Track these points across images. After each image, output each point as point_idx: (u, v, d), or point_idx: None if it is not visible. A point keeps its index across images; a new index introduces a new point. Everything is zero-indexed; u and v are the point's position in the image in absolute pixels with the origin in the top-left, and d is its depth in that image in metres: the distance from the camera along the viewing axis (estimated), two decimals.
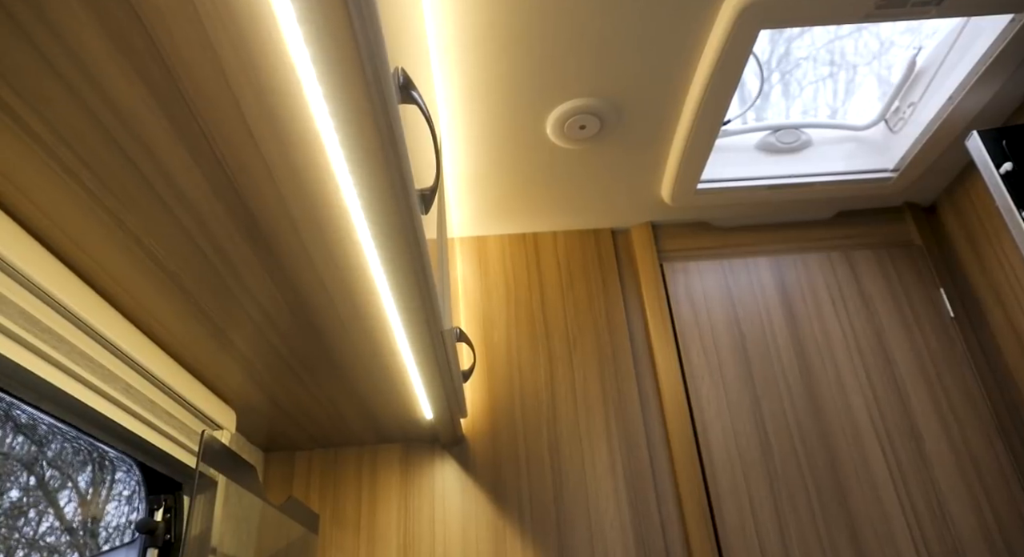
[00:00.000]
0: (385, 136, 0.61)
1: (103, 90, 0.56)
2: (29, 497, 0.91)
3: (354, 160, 0.64)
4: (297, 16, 0.49)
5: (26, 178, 0.64)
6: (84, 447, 1.02)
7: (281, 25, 0.51)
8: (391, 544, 1.49)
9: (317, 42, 0.51)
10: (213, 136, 0.62)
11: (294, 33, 0.51)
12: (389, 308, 0.95)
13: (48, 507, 0.94)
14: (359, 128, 0.59)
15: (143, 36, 0.51)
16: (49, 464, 0.94)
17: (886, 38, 1.72)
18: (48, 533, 0.94)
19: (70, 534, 1.00)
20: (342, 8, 0.48)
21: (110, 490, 1.11)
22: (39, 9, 0.48)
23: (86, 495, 1.02)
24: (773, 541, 1.49)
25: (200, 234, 0.76)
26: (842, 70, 1.79)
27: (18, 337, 0.68)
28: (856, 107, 1.82)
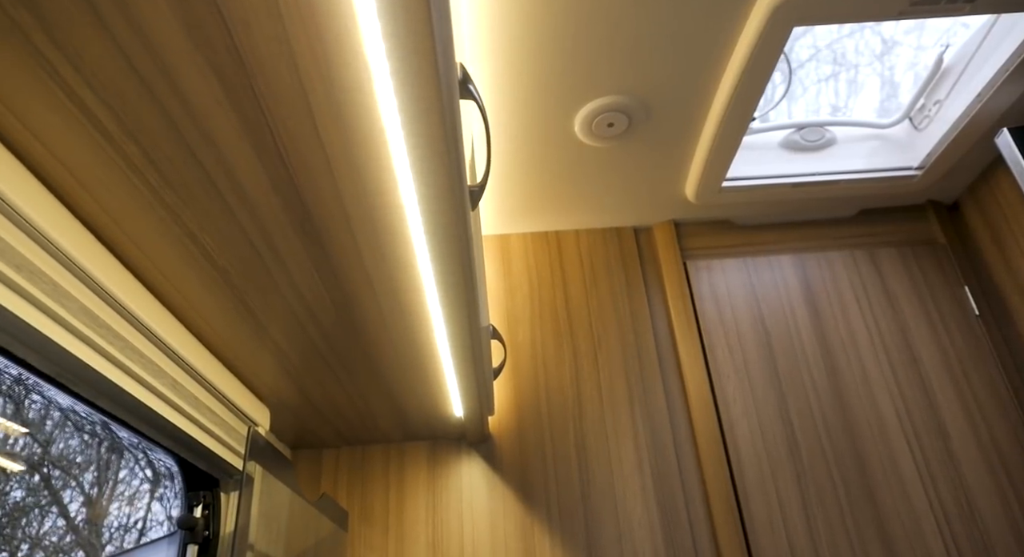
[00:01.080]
0: (449, 132, 0.62)
1: (177, 86, 0.56)
2: (35, 497, 0.90)
3: (418, 155, 0.64)
4: (378, 10, 0.49)
5: (92, 175, 0.65)
6: (93, 444, 1.02)
7: (359, 19, 0.51)
8: (420, 541, 1.50)
9: (395, 36, 0.51)
10: (279, 131, 0.62)
11: (372, 27, 0.51)
12: (432, 304, 0.96)
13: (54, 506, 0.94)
14: (427, 123, 0.60)
15: (222, 31, 0.52)
16: (53, 463, 0.94)
17: (889, 37, 1.72)
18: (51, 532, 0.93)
19: (75, 533, 0.99)
20: (423, 2, 0.48)
21: (113, 489, 1.09)
22: (124, 4, 0.49)
23: (97, 493, 1.02)
24: (802, 538, 1.49)
25: (254, 229, 0.76)
26: (843, 69, 1.79)
27: (80, 333, 0.69)
28: (858, 107, 1.82)
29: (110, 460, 1.02)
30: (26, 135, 0.60)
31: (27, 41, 0.51)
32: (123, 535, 1.05)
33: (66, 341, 0.67)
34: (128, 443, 1.05)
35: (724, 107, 1.43)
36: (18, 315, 0.60)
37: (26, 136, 0.60)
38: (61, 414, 0.91)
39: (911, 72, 1.78)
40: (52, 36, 0.51)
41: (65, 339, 0.67)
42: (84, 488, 0.98)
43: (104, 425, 0.98)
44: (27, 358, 0.66)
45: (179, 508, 1.11)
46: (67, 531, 0.92)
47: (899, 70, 1.77)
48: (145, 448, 1.06)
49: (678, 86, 1.40)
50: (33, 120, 0.58)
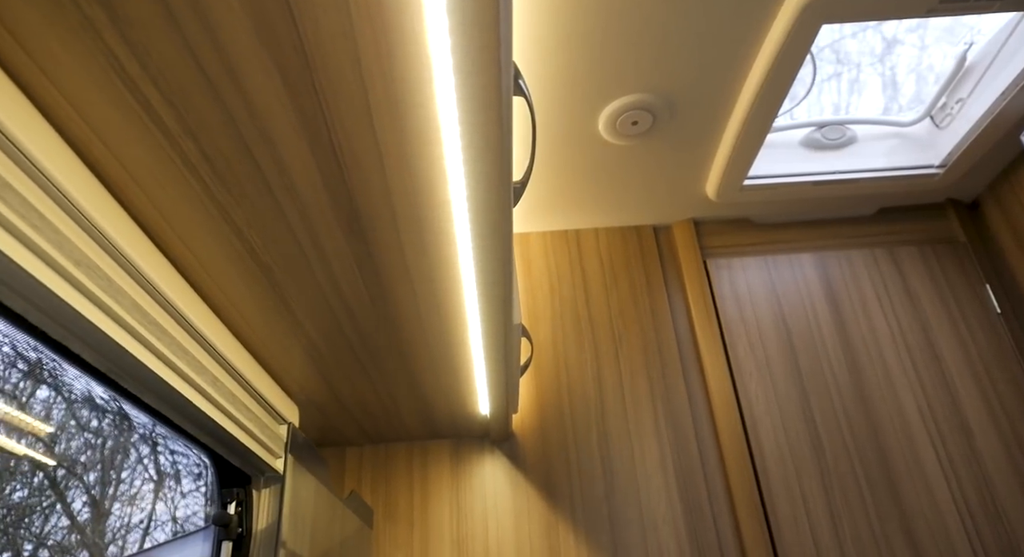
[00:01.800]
0: (504, 128, 0.62)
1: (240, 84, 0.57)
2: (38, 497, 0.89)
3: (472, 151, 0.64)
4: (447, 5, 0.50)
5: (146, 172, 0.65)
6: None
7: (426, 13, 0.51)
8: (445, 539, 1.50)
9: (462, 31, 0.51)
10: (335, 127, 0.63)
11: (439, 21, 0.51)
12: (470, 300, 0.96)
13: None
14: (484, 119, 0.60)
15: (289, 28, 0.52)
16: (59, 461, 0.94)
17: (891, 36, 1.72)
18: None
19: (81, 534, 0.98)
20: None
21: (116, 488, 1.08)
22: (198, 4, 0.49)
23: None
24: (826, 535, 1.49)
25: (301, 226, 0.77)
26: (845, 69, 1.79)
27: (132, 329, 0.69)
28: (859, 106, 1.81)
29: (115, 459, 1.02)
30: (86, 131, 0.60)
31: (98, 38, 0.52)
32: (152, 530, 1.06)
33: (120, 336, 0.68)
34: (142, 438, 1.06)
35: (749, 105, 1.43)
36: (79, 310, 0.61)
37: (86, 132, 0.60)
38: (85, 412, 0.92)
39: (912, 73, 1.79)
40: (124, 34, 0.51)
41: (119, 334, 0.68)
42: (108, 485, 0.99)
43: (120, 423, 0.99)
44: (82, 353, 0.67)
45: (213, 505, 1.11)
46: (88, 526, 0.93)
47: (900, 70, 1.78)
48: (159, 447, 1.06)
49: (704, 84, 1.41)
50: (95, 117, 0.59)
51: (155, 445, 1.07)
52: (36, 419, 0.81)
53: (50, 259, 0.57)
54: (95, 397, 0.91)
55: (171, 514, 1.05)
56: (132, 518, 0.95)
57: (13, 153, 0.52)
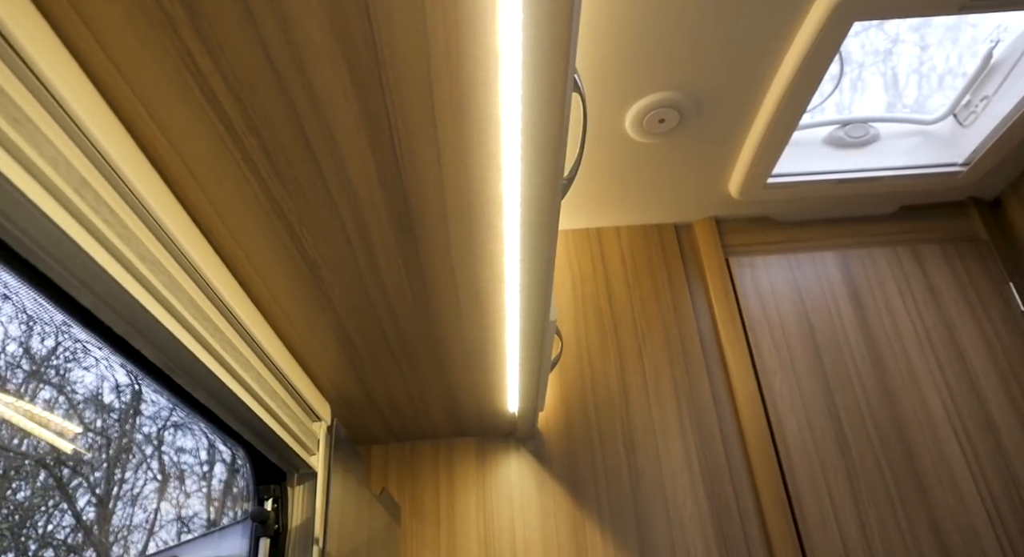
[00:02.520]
0: (564, 124, 0.62)
1: (308, 79, 0.57)
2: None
3: (531, 147, 0.65)
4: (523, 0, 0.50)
5: (205, 167, 0.66)
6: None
7: (499, 7, 0.52)
8: (471, 536, 1.50)
9: (535, 25, 0.52)
10: (396, 124, 0.63)
11: (513, 15, 0.52)
12: (510, 297, 0.96)
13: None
14: (548, 115, 0.60)
15: (364, 23, 0.53)
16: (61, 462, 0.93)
17: (894, 35, 1.72)
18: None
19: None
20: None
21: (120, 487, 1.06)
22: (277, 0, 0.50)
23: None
24: (854, 533, 1.49)
25: (352, 223, 0.77)
26: (848, 67, 1.78)
27: (188, 324, 0.70)
28: (861, 106, 1.81)
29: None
30: (151, 127, 0.60)
31: (175, 35, 0.52)
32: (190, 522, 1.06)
33: (178, 332, 0.68)
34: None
35: (777, 102, 1.43)
36: (144, 305, 0.61)
37: (151, 128, 0.61)
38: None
39: (914, 73, 1.79)
40: (199, 30, 0.52)
41: (177, 329, 0.68)
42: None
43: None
44: (143, 349, 0.67)
45: (251, 501, 1.12)
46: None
47: (902, 70, 1.78)
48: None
49: (732, 81, 1.41)
50: (162, 113, 0.59)
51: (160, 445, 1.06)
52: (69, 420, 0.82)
53: (119, 254, 0.58)
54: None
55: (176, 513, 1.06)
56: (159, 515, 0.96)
57: (90, 151, 0.53)
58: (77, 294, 0.57)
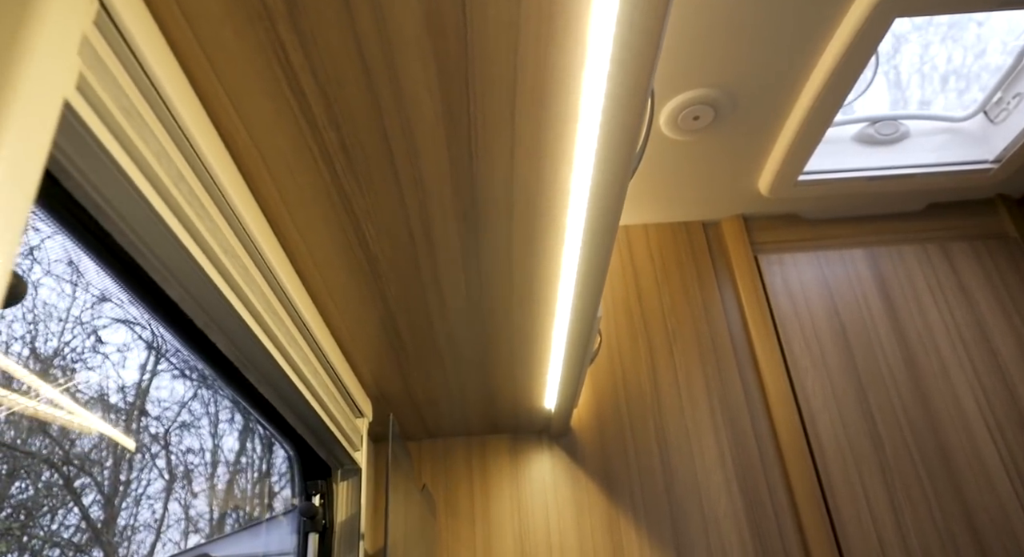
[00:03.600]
0: (643, 118, 0.63)
1: (395, 72, 0.57)
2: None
3: (607, 141, 0.65)
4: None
5: (283, 163, 0.66)
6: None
7: (594, 1, 0.52)
8: (507, 533, 1.51)
9: (630, 20, 0.52)
10: (476, 116, 0.63)
11: (608, 8, 0.52)
12: (563, 292, 0.96)
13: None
14: (628, 109, 0.61)
15: (458, 17, 0.53)
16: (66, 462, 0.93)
17: (900, 34, 1.73)
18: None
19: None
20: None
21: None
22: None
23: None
24: (890, 531, 1.49)
25: (417, 218, 0.77)
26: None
27: (262, 319, 0.70)
28: (864, 105, 1.81)
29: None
30: (235, 121, 0.61)
31: (272, 28, 0.52)
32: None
33: (254, 326, 0.69)
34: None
35: (813, 99, 1.43)
36: (227, 297, 0.62)
37: (235, 122, 0.61)
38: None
39: (917, 74, 1.79)
40: (296, 23, 0.52)
41: (252, 323, 0.69)
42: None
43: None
44: (218, 342, 0.68)
45: (299, 496, 1.12)
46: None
47: (904, 69, 1.78)
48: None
49: (769, 78, 1.41)
50: (247, 107, 0.59)
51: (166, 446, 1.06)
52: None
53: (208, 247, 0.58)
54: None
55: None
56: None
57: (184, 146, 0.53)
58: (166, 286, 0.57)
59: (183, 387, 0.95)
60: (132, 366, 0.85)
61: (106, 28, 0.43)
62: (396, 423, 0.98)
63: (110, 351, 0.80)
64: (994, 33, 1.70)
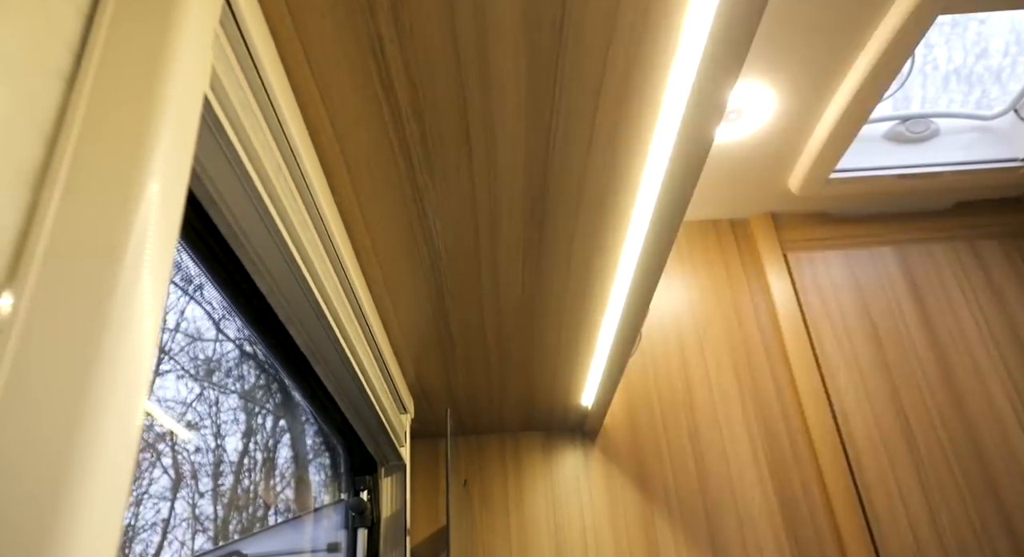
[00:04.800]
0: (724, 110, 0.63)
1: (486, 65, 0.58)
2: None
3: (686, 136, 0.65)
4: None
5: (362, 156, 0.66)
6: None
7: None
8: (541, 528, 1.51)
9: (730, 10, 0.52)
10: (559, 108, 0.63)
11: (706, 2, 0.52)
12: (616, 289, 0.97)
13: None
14: (714, 101, 0.61)
15: (557, 7, 0.53)
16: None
17: None
18: None
19: None
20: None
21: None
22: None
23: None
24: (925, 529, 1.49)
25: (485, 211, 0.77)
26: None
27: (336, 314, 0.70)
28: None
29: None
30: (322, 114, 0.61)
31: (371, 20, 0.53)
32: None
33: (330, 319, 0.69)
34: None
35: (850, 96, 1.43)
36: (314, 291, 0.62)
37: (321, 116, 0.61)
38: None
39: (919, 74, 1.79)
40: (397, 16, 0.52)
41: (330, 318, 0.69)
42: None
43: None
44: (297, 336, 0.68)
45: (347, 492, 1.12)
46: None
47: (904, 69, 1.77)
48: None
49: (805, 76, 1.41)
50: (336, 99, 0.60)
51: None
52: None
53: (298, 240, 0.58)
54: None
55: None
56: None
57: (280, 139, 0.54)
58: (258, 279, 0.58)
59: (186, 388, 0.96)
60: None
61: (229, 24, 0.43)
62: (452, 419, 0.98)
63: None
64: (995, 32, 1.70)
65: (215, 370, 0.75)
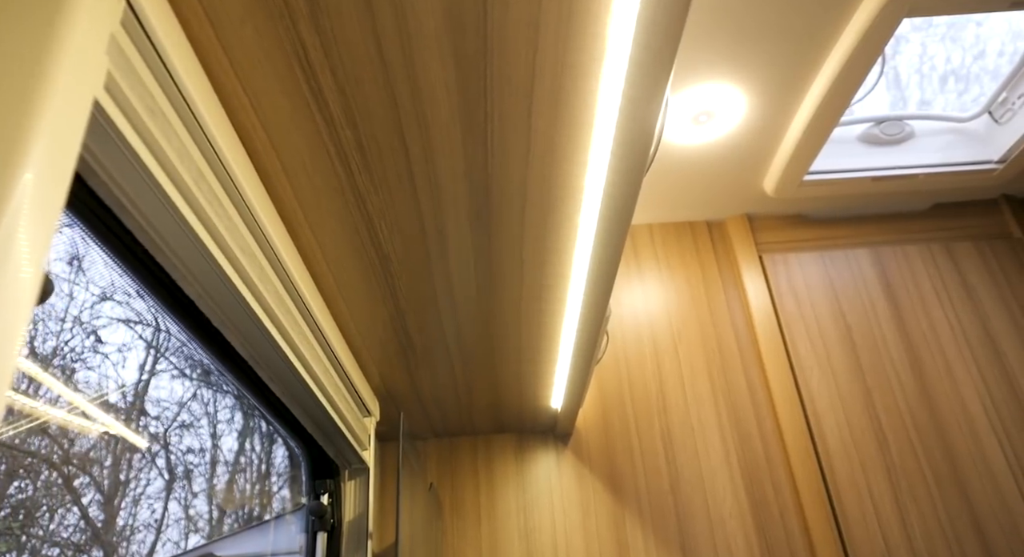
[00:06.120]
0: (658, 116, 0.63)
1: (413, 71, 0.57)
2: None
3: (623, 141, 0.65)
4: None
5: (299, 162, 0.66)
6: None
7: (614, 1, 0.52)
8: (512, 532, 1.51)
9: (651, 21, 0.52)
10: (492, 115, 0.63)
11: (628, 9, 0.52)
12: (572, 292, 0.97)
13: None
14: (646, 109, 0.61)
15: (479, 13, 0.53)
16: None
17: (900, 34, 1.73)
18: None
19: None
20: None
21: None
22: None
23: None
24: (895, 532, 1.49)
25: (431, 216, 0.77)
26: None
27: (276, 319, 0.70)
28: (866, 106, 1.81)
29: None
30: (253, 120, 0.61)
31: (292, 27, 0.52)
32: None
33: (268, 324, 0.69)
34: None
35: (819, 99, 1.43)
36: (245, 298, 0.62)
37: (253, 121, 0.61)
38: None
39: (917, 74, 1.80)
40: (317, 22, 0.52)
41: (267, 322, 0.69)
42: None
43: None
44: (233, 340, 0.68)
45: (307, 495, 1.12)
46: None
47: (904, 68, 1.78)
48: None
49: (775, 78, 1.41)
50: (266, 106, 0.59)
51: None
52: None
53: (226, 246, 0.58)
54: None
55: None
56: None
57: (204, 145, 0.53)
58: (184, 284, 0.57)
59: (182, 387, 0.95)
60: (132, 366, 0.85)
61: (132, 28, 0.43)
62: (406, 421, 0.98)
63: (110, 351, 0.80)
64: (993, 33, 1.71)
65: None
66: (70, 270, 0.70)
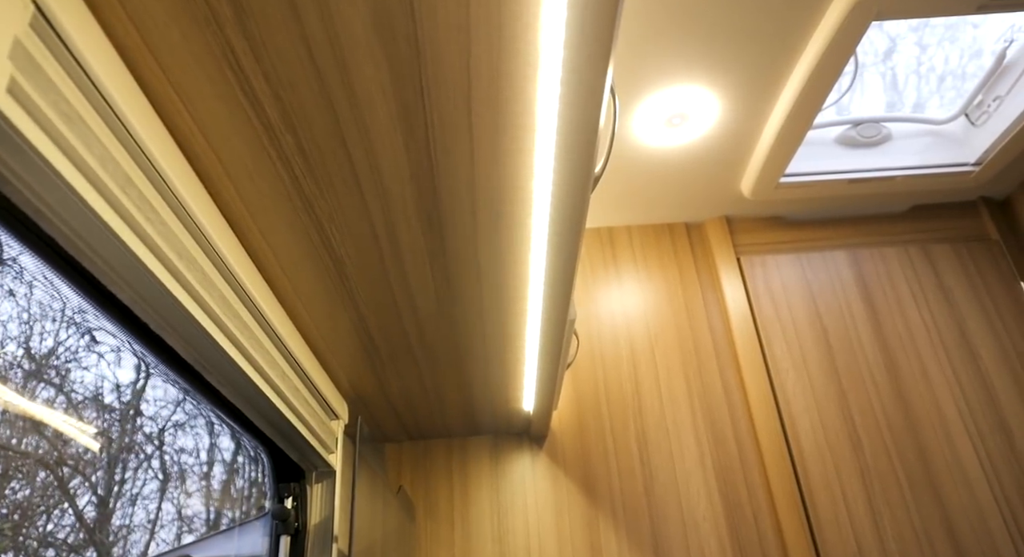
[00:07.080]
0: (598, 123, 0.62)
1: (348, 76, 0.57)
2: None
3: (565, 145, 0.65)
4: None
5: (241, 166, 0.66)
6: None
7: (543, 5, 0.52)
8: (486, 535, 1.51)
9: (579, 26, 0.52)
10: (432, 121, 0.63)
11: (556, 14, 0.52)
12: (533, 295, 0.96)
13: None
14: (584, 113, 0.60)
15: (407, 19, 0.53)
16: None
17: (895, 35, 1.73)
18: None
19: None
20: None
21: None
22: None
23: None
24: (868, 533, 1.49)
25: (381, 220, 0.77)
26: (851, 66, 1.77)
27: (221, 322, 0.70)
28: (863, 106, 1.81)
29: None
30: (190, 124, 0.60)
31: (219, 32, 0.52)
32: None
33: (211, 329, 0.68)
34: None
35: (792, 101, 1.43)
36: (181, 301, 0.61)
37: (189, 125, 0.61)
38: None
39: (913, 75, 1.80)
40: (245, 27, 0.52)
41: (210, 326, 0.68)
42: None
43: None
44: (176, 345, 0.67)
45: (271, 499, 1.12)
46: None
47: (900, 70, 1.79)
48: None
49: (747, 81, 1.41)
50: (201, 111, 0.59)
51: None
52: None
53: (159, 251, 0.58)
54: None
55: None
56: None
57: (134, 150, 0.53)
58: (117, 290, 0.57)
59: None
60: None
61: (43, 31, 0.42)
62: (364, 425, 0.98)
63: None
64: (991, 35, 1.71)
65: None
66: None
